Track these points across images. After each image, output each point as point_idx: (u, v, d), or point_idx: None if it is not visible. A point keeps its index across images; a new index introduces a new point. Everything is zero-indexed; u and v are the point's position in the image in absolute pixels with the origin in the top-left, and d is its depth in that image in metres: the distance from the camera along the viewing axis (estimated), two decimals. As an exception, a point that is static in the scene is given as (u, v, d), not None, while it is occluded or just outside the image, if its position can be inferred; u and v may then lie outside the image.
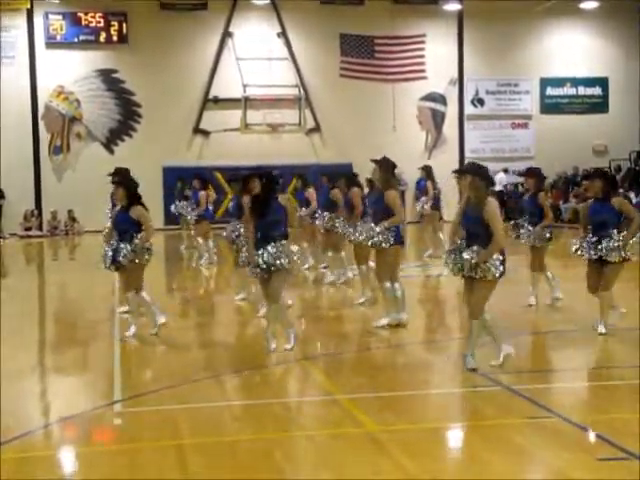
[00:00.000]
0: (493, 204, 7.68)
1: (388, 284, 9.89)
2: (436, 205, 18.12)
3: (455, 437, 6.38)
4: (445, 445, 6.19)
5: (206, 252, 17.21)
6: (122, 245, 9.38)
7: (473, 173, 7.75)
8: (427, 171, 18.13)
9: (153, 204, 21.66)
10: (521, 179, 28.46)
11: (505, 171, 29.09)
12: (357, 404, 6.94)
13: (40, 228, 27.41)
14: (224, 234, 12.06)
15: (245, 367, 8.41)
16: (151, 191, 25.21)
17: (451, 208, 19.41)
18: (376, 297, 11.44)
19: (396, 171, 10.22)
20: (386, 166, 10.01)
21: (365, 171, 14.33)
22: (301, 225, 14.87)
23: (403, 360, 8.89)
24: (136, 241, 9.37)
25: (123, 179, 10.12)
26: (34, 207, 27.62)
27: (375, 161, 10.11)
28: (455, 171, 9.15)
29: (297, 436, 6.26)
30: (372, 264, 11.32)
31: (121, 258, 9.35)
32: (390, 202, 9.84)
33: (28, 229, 27.18)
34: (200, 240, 17.42)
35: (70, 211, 27.32)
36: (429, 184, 17.99)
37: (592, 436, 6.21)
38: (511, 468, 5.45)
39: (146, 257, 9.48)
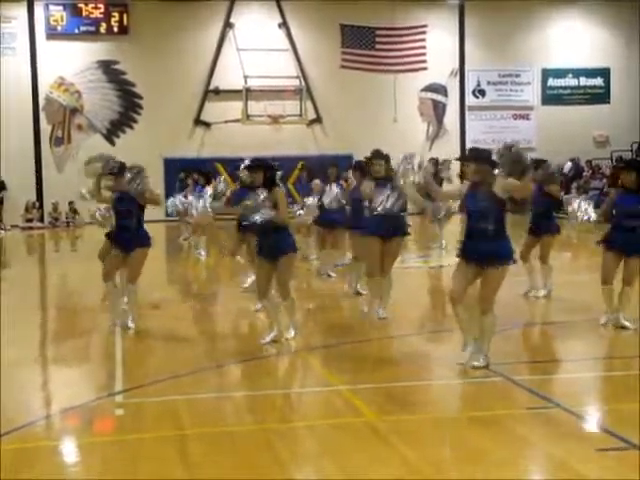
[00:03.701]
0: None
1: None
2: None
3: (456, 427, 6.38)
4: (446, 435, 6.20)
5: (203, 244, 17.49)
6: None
7: (474, 160, 7.67)
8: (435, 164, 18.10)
9: (154, 195, 21.80)
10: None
11: (572, 160, 28.59)
12: (358, 394, 6.95)
13: (41, 220, 27.41)
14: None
15: (246, 358, 8.43)
16: (152, 182, 25.24)
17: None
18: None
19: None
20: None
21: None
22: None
23: (403, 351, 8.90)
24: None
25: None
26: (35, 199, 27.62)
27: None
28: (458, 159, 8.99)
29: (298, 426, 6.27)
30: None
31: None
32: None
33: (29, 221, 27.18)
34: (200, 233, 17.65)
35: (71, 203, 27.28)
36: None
37: (592, 426, 6.23)
38: (511, 458, 5.46)
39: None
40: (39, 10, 27.45)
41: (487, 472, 5.22)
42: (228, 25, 28.48)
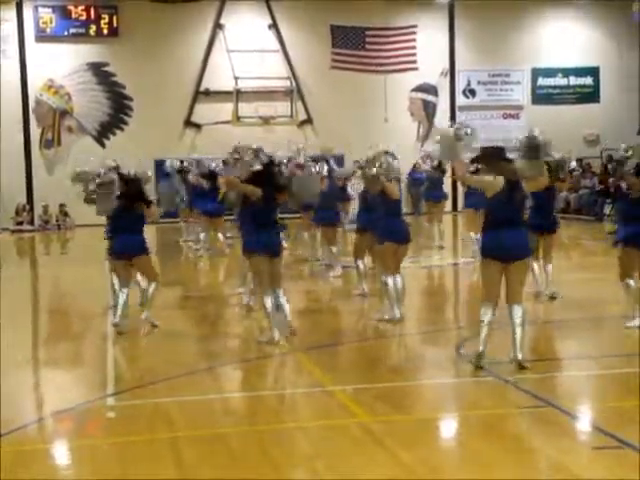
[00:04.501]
0: None
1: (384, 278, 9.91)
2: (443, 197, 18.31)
3: (450, 427, 6.39)
4: (440, 435, 6.20)
5: (205, 243, 17.50)
6: None
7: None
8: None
9: (145, 197, 21.78)
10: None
11: (577, 160, 28.38)
12: (351, 395, 6.95)
13: (32, 222, 27.31)
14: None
15: (239, 359, 8.41)
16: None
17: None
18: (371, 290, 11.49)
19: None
20: None
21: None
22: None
23: (397, 351, 8.90)
24: None
25: None
26: (26, 201, 27.52)
27: None
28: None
29: (291, 427, 6.25)
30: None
31: None
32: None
33: (20, 223, 27.07)
34: (204, 233, 17.68)
35: (62, 205, 27.18)
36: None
37: (586, 425, 6.23)
38: (506, 457, 5.46)
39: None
40: (28, 12, 27.35)
41: (481, 472, 5.21)
42: (218, 26, 28.43)
